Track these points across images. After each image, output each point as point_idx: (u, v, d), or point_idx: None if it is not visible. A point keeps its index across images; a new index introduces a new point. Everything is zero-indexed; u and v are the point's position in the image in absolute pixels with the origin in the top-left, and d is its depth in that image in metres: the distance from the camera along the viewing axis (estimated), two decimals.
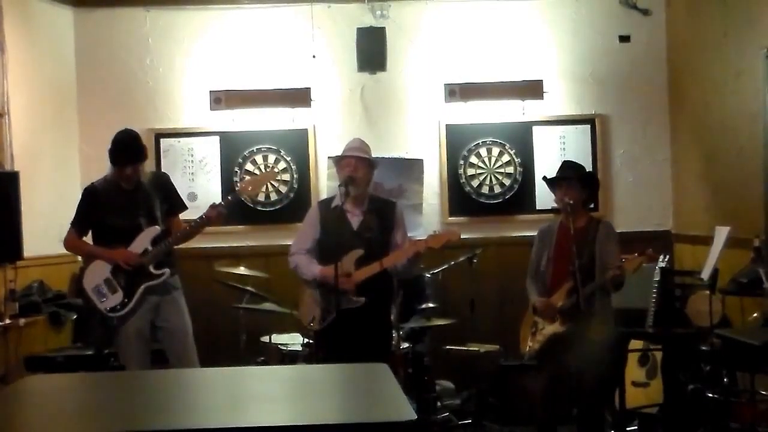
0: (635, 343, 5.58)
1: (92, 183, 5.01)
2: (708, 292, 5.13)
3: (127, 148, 4.84)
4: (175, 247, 4.98)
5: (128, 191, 4.90)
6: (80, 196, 4.99)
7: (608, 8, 6.85)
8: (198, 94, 6.73)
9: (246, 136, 6.73)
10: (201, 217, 4.92)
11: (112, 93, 6.75)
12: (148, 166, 5.22)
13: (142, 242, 4.86)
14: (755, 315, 5.21)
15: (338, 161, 4.93)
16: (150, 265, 4.84)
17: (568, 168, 4.87)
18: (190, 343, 4.96)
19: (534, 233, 5.06)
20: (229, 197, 5.03)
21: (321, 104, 6.76)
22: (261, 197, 6.71)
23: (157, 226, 4.89)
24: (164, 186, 5.08)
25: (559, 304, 4.65)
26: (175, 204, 5.10)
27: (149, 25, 6.77)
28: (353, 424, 2.56)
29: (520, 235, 6.58)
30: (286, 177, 6.72)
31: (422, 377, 5.64)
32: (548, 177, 4.92)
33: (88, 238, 5.03)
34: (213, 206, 4.91)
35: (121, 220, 4.85)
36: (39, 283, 6.03)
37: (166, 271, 4.88)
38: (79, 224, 4.96)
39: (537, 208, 6.73)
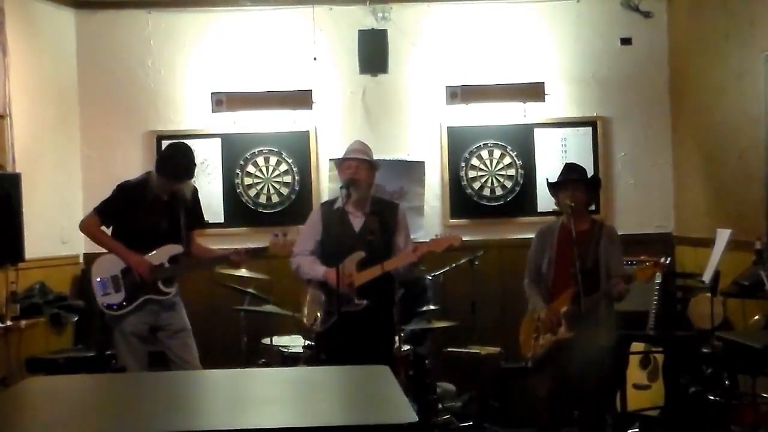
0: (636, 346, 5.58)
1: (129, 180, 5.02)
2: (709, 294, 5.13)
3: (185, 166, 4.90)
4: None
5: (162, 199, 4.93)
6: (114, 190, 4.98)
7: (610, 10, 6.85)
8: (199, 96, 6.73)
9: (247, 138, 6.74)
10: (224, 257, 5.01)
11: (114, 95, 6.76)
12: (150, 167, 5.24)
13: (161, 255, 4.90)
14: (757, 317, 5.21)
15: (340, 164, 4.93)
16: (159, 281, 4.87)
17: (573, 170, 4.84)
18: (191, 341, 5.01)
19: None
20: (256, 249, 5.06)
21: (322, 106, 6.76)
22: (262, 199, 6.72)
23: (180, 246, 4.94)
24: (194, 200, 5.11)
25: (563, 310, 4.61)
26: (199, 220, 5.16)
27: (151, 27, 6.78)
28: (354, 426, 2.56)
29: (521, 237, 6.56)
30: (288, 179, 6.72)
31: (423, 379, 5.63)
32: (552, 180, 4.89)
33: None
34: (239, 252, 4.98)
35: (148, 226, 4.87)
36: (40, 285, 6.03)
37: (173, 290, 4.93)
38: (105, 215, 4.95)
39: (538, 210, 6.72)
